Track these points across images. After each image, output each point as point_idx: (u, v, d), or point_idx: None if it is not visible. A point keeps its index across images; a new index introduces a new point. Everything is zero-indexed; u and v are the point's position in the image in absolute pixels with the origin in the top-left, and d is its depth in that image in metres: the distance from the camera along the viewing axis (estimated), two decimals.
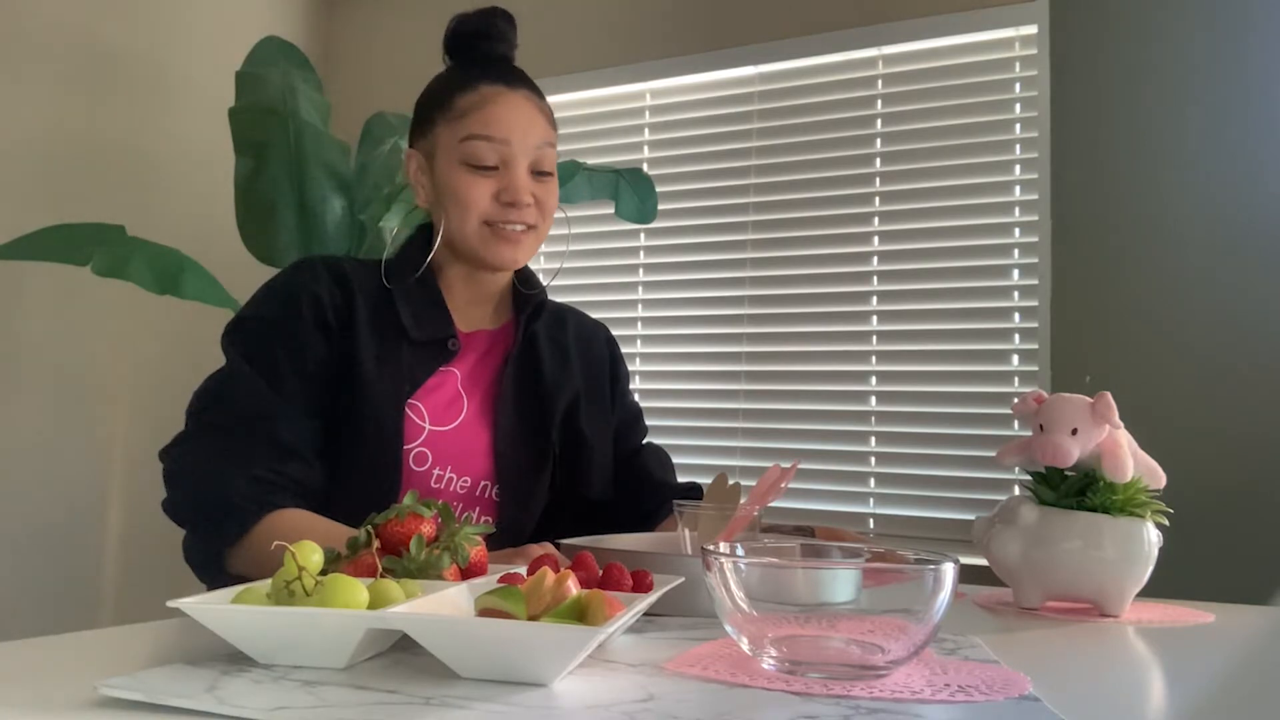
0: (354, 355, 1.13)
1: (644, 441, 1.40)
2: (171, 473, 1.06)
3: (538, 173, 1.18)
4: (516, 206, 1.16)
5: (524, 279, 1.30)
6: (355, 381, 1.12)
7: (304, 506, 1.04)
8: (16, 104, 2.23)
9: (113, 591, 2.40)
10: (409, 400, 1.14)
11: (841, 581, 0.67)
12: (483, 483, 1.18)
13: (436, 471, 1.14)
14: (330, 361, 1.12)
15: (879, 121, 2.35)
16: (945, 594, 0.63)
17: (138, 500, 2.41)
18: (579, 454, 1.27)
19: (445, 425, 1.16)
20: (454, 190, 1.16)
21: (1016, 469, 1.11)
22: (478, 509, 1.19)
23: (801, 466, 1.59)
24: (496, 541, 1.05)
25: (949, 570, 0.63)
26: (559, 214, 1.24)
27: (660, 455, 1.39)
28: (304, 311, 1.12)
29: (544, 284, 1.31)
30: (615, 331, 1.45)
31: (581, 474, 1.27)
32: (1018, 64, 2.21)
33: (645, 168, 2.50)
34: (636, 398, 1.45)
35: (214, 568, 1.04)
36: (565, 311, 1.39)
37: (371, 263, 1.23)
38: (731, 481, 1.12)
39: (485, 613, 0.62)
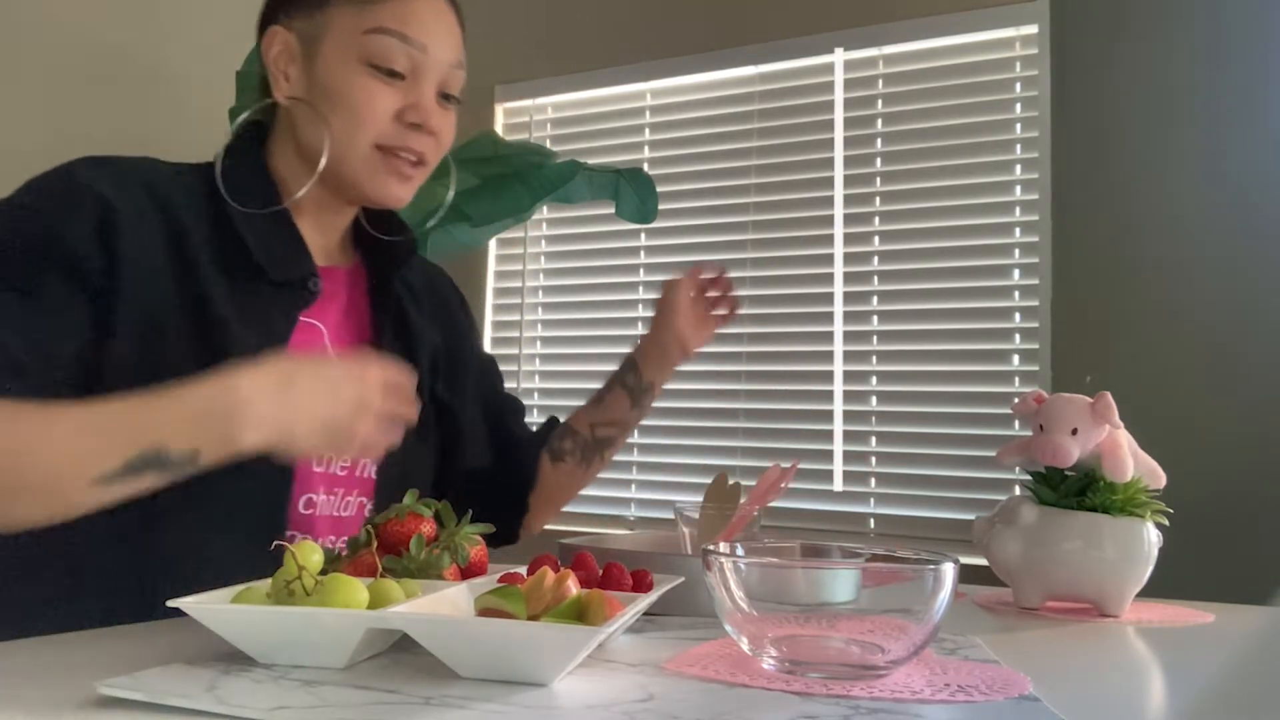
0: (203, 300, 0.88)
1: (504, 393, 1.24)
2: None
3: (444, 96, 0.98)
4: (421, 131, 0.95)
5: (379, 213, 1.07)
6: (210, 336, 0.88)
7: None
8: (16, 104, 2.23)
9: None
10: None
11: (841, 581, 0.67)
12: (363, 461, 1.00)
13: None
14: (109, 289, 0.85)
15: (879, 121, 2.35)
16: (945, 594, 0.63)
17: None
18: (452, 417, 1.11)
19: None
20: (347, 95, 0.93)
21: (1016, 469, 1.11)
22: (356, 491, 0.99)
23: (801, 466, 1.59)
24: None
25: (949, 570, 0.63)
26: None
27: (515, 405, 1.23)
28: (87, 212, 0.85)
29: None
30: (615, 331, 1.44)
31: (455, 440, 1.11)
32: (1018, 64, 2.21)
33: (645, 168, 2.50)
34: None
35: None
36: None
37: (187, 169, 0.96)
38: (731, 481, 1.12)
39: (485, 613, 0.62)
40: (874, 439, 2.27)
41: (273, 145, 1.00)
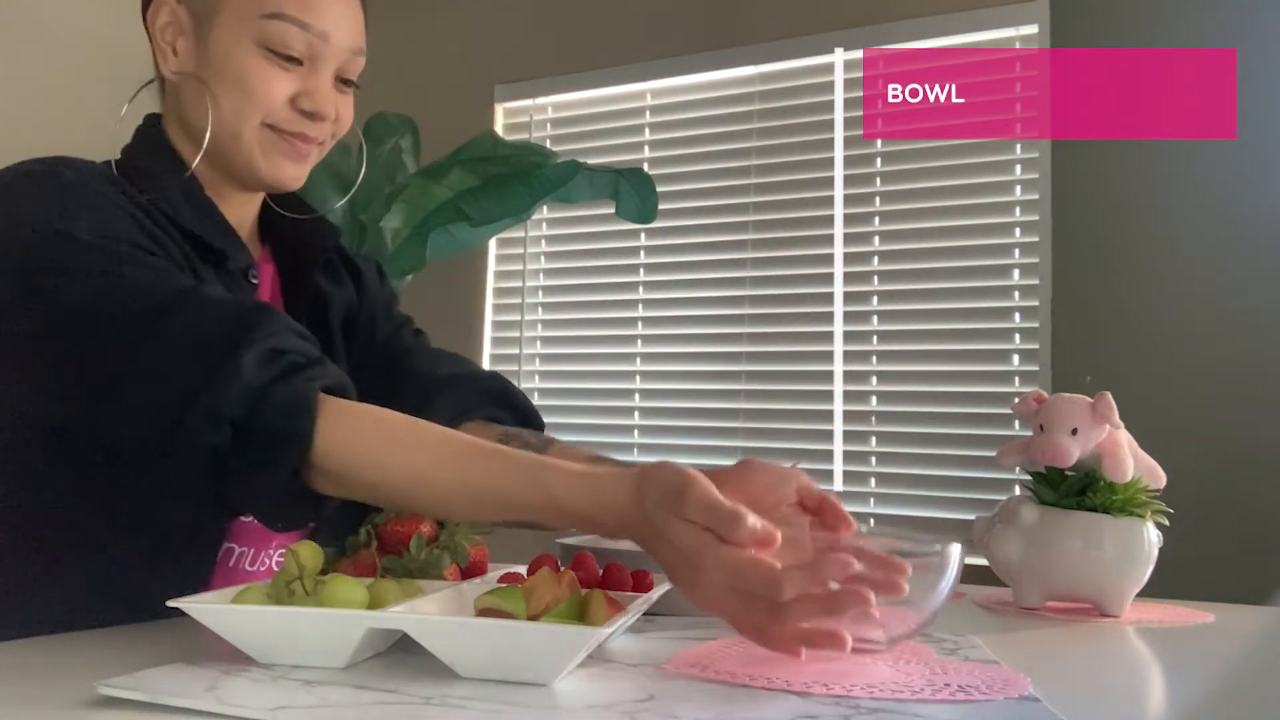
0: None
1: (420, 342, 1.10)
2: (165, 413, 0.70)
3: (343, 80, 0.94)
4: (316, 119, 0.91)
5: (287, 202, 1.02)
6: None
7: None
8: (20, 104, 2.23)
9: None
10: None
11: None
12: None
13: None
14: None
15: (879, 121, 2.35)
16: (949, 579, 0.63)
17: None
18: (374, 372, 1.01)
19: None
20: (242, 77, 0.88)
21: (1016, 469, 1.11)
22: None
23: (801, 467, 1.59)
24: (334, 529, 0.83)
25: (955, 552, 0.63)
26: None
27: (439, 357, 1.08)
28: (134, 213, 0.83)
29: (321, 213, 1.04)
30: (615, 331, 1.44)
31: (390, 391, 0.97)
32: (1018, 64, 2.21)
33: (645, 168, 2.50)
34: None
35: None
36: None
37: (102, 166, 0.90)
38: None
39: (485, 613, 0.62)
40: (874, 439, 2.27)
41: (165, 127, 0.94)
